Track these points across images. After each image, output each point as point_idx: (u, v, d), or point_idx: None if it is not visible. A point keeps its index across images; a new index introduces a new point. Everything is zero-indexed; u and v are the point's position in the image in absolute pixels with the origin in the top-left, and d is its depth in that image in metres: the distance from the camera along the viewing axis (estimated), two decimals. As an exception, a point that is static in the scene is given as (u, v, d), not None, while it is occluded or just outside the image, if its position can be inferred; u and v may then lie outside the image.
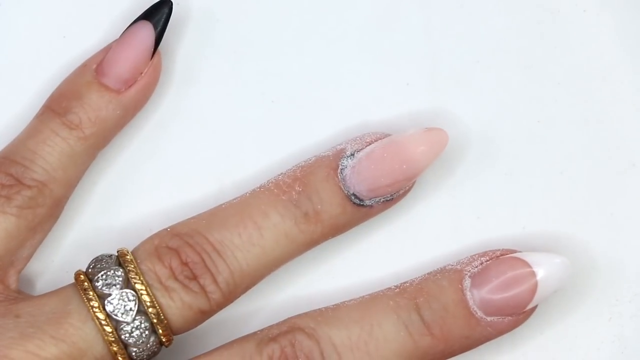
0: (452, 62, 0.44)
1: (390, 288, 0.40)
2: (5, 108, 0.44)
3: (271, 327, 0.40)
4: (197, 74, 0.44)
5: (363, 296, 0.40)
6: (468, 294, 0.39)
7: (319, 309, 0.40)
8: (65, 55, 0.44)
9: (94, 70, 0.42)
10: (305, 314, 0.40)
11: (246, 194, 0.41)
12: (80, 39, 0.44)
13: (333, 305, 0.40)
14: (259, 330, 0.40)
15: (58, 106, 0.41)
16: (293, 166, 0.41)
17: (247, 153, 0.44)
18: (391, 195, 0.41)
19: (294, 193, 0.40)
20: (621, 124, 0.43)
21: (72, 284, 0.40)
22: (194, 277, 0.39)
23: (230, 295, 0.40)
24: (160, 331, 0.39)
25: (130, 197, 0.44)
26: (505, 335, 0.40)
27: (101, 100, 0.42)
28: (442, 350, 0.39)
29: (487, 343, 0.40)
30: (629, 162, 0.43)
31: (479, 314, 0.39)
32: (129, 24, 0.43)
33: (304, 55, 0.44)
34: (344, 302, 0.40)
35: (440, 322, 0.39)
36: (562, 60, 0.44)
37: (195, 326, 0.40)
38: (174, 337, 0.40)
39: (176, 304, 0.39)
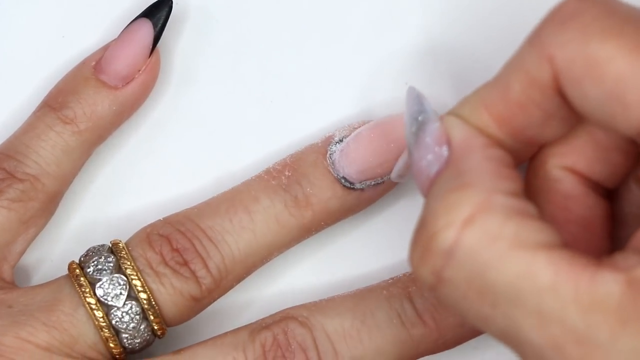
0: (452, 62, 0.44)
1: (384, 280, 0.40)
2: (4, 107, 0.45)
3: (265, 318, 0.40)
4: (195, 73, 0.45)
5: (358, 288, 0.40)
6: None
7: (313, 301, 0.40)
8: (65, 54, 0.44)
9: (92, 67, 0.42)
10: (299, 305, 0.40)
11: (239, 184, 0.41)
12: (79, 38, 0.45)
13: (327, 298, 0.40)
14: (253, 322, 0.40)
15: (54, 102, 0.42)
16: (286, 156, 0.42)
17: (246, 153, 0.44)
18: (382, 179, 0.41)
19: (283, 178, 0.40)
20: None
21: (66, 274, 0.40)
22: (185, 263, 0.39)
23: (222, 282, 0.39)
24: (152, 317, 0.39)
25: (127, 195, 0.44)
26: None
27: (97, 95, 0.42)
28: (435, 339, 0.39)
29: (489, 344, 0.40)
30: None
31: None
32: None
33: (303, 55, 0.44)
34: (339, 294, 0.40)
35: (432, 310, 0.39)
36: (562, 59, 0.44)
37: (189, 316, 0.40)
38: (168, 329, 0.40)
39: (167, 289, 0.39)
